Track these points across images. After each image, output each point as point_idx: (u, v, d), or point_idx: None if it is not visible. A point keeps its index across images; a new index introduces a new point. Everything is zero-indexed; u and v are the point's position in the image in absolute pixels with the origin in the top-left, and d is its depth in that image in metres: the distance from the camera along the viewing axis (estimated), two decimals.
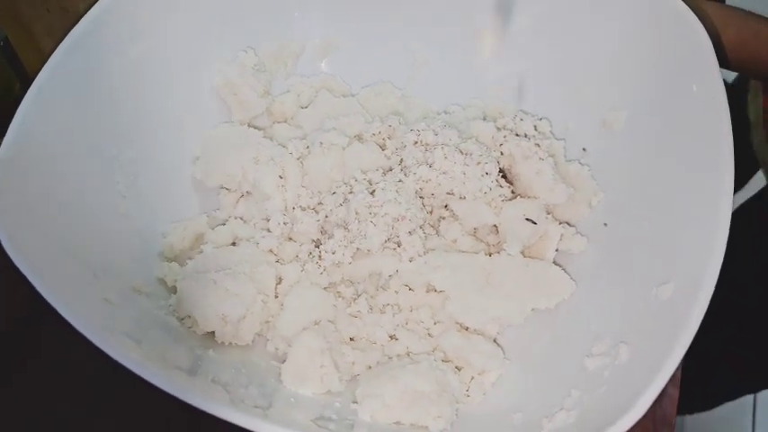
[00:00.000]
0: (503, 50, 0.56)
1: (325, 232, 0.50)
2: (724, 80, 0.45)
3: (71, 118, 0.45)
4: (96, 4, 0.47)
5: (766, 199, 0.80)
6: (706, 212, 0.40)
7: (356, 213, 0.48)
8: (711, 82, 0.45)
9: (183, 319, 0.45)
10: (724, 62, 0.53)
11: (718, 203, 0.40)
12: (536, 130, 0.55)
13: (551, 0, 0.53)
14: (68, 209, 0.43)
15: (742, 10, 0.56)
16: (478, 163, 0.50)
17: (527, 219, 0.49)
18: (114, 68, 0.48)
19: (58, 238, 0.41)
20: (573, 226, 0.51)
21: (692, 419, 1.05)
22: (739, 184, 0.81)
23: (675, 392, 0.46)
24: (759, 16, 0.56)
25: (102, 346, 0.35)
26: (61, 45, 0.45)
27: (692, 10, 0.47)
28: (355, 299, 0.48)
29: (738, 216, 0.40)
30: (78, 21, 0.46)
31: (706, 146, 0.43)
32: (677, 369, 0.35)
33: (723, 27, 0.53)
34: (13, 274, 0.36)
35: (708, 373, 0.74)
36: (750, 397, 1.23)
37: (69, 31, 0.46)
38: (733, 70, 0.57)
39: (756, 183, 0.83)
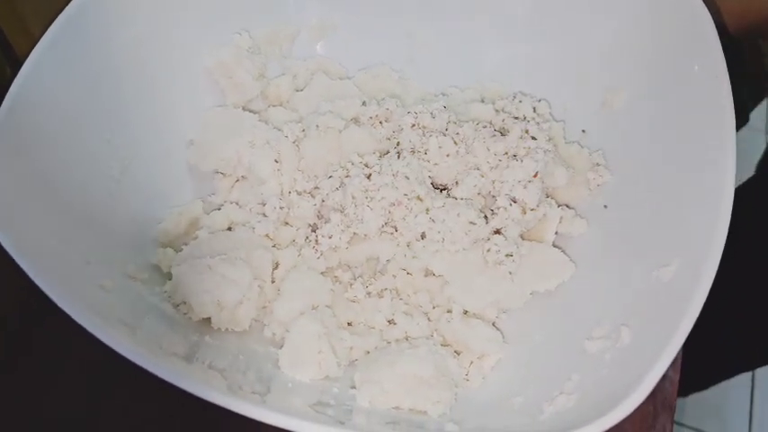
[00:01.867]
0: (501, 31, 0.55)
1: (322, 216, 0.50)
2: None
3: (62, 101, 0.44)
4: None
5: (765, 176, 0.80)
6: (708, 193, 0.40)
7: (352, 197, 0.48)
8: (713, 61, 0.44)
9: (178, 305, 0.45)
10: (726, 33, 0.53)
11: (721, 184, 0.39)
12: (535, 111, 0.54)
13: None
14: (61, 194, 0.43)
15: None
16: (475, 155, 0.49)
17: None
18: (106, 51, 0.48)
19: (51, 223, 0.41)
20: (572, 208, 0.50)
21: (691, 399, 1.06)
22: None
23: (676, 375, 0.46)
24: None
25: (97, 333, 0.35)
26: (51, 28, 0.44)
27: None
28: (352, 283, 0.48)
29: (739, 194, 0.40)
30: (69, 2, 0.46)
31: (708, 125, 0.42)
32: (678, 352, 0.35)
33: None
34: (5, 268, 0.35)
35: (703, 352, 0.74)
36: (748, 375, 1.23)
37: (60, 14, 0.45)
38: (736, 39, 0.56)
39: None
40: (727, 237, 0.38)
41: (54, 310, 0.35)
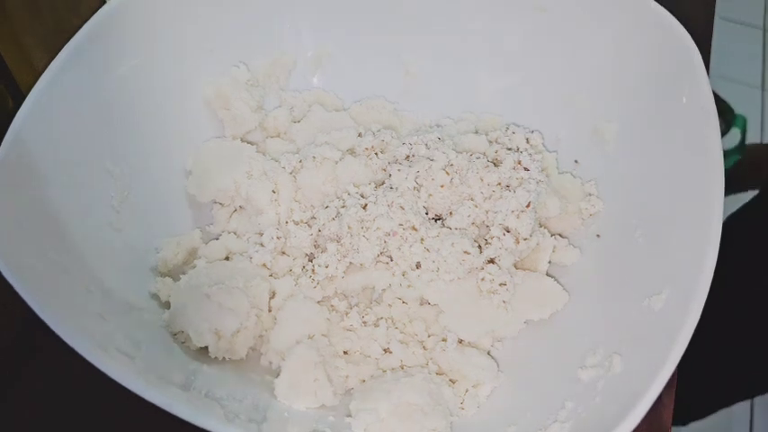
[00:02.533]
0: (494, 63, 0.57)
1: (318, 246, 0.50)
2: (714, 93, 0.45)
3: (64, 133, 0.45)
4: (90, 20, 0.47)
5: (759, 206, 0.81)
6: (697, 222, 0.40)
7: (348, 227, 0.48)
8: (701, 94, 0.45)
9: (176, 334, 0.45)
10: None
11: (710, 213, 0.40)
12: (528, 142, 0.55)
13: (543, 13, 0.53)
14: (61, 224, 0.43)
15: None
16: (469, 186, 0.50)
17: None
18: (108, 83, 0.49)
19: (51, 252, 0.41)
20: (565, 238, 0.51)
21: (688, 429, 1.05)
22: None
23: (671, 402, 0.46)
24: None
25: (95, 361, 0.35)
26: (55, 61, 0.45)
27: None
28: (348, 312, 0.48)
29: (731, 223, 0.41)
30: (72, 37, 0.47)
31: (696, 156, 0.43)
32: (673, 377, 0.35)
33: None
34: (6, 289, 0.36)
35: (702, 380, 0.74)
36: (747, 403, 1.23)
37: (63, 46, 0.46)
38: None
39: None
40: (718, 263, 0.38)
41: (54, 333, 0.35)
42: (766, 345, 0.78)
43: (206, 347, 0.45)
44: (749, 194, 0.85)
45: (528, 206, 0.48)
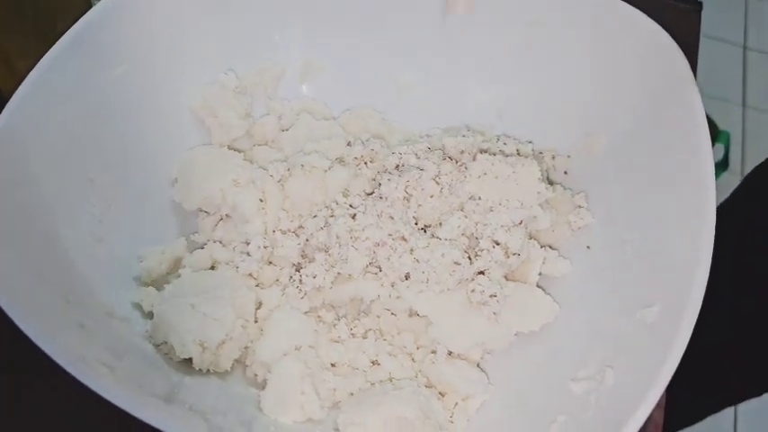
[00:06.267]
0: (484, 75, 0.57)
1: (306, 256, 0.50)
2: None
3: (46, 140, 0.44)
4: (73, 27, 0.47)
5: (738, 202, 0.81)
6: (689, 234, 0.40)
7: (337, 237, 0.48)
8: (691, 107, 0.45)
9: (159, 345, 0.44)
10: None
11: (701, 225, 0.40)
12: (519, 153, 0.55)
13: (534, 27, 0.53)
14: (41, 232, 0.42)
15: None
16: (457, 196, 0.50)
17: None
18: (92, 90, 0.48)
19: (30, 262, 0.40)
20: (556, 249, 0.51)
21: None
22: None
23: (660, 415, 0.46)
24: None
25: (75, 373, 0.34)
26: (37, 67, 0.44)
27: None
28: (336, 324, 0.48)
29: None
30: (55, 43, 0.46)
31: (686, 168, 0.43)
32: (663, 395, 0.35)
33: None
34: None
35: (689, 387, 0.74)
36: (731, 410, 1.24)
37: (46, 52, 0.45)
38: None
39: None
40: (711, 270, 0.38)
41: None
42: (751, 350, 0.78)
43: (190, 359, 0.44)
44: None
45: (520, 224, 0.48)
